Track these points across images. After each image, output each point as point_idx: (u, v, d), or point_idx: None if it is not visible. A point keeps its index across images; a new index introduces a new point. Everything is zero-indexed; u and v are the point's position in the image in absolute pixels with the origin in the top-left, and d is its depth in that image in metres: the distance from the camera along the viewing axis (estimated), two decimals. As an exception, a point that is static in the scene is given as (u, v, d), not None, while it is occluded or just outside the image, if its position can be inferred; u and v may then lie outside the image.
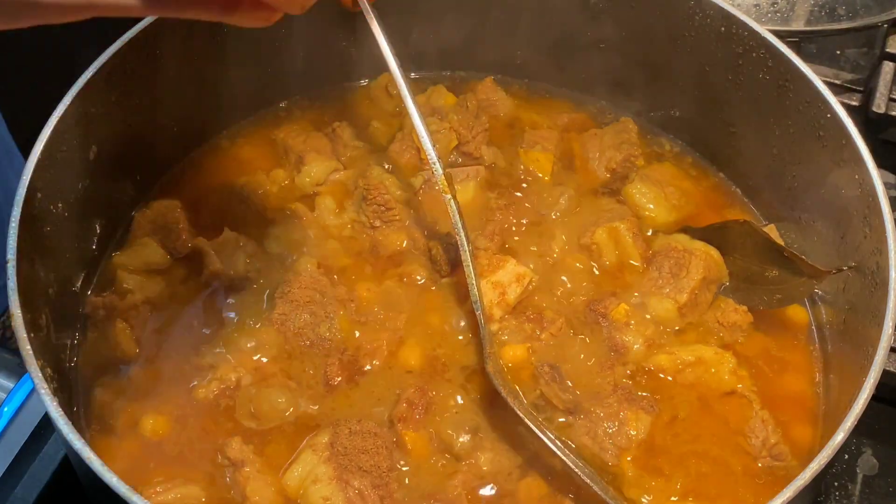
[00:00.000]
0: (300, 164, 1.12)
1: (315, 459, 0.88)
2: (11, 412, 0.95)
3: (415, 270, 1.03)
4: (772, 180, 1.11)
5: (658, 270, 1.03)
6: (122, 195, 1.08)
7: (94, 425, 0.93)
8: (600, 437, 0.91)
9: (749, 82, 1.07)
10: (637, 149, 1.16)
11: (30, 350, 0.80)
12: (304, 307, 0.98)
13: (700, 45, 1.09)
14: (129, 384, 0.95)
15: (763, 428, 0.93)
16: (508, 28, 1.20)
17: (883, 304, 0.86)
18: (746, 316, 1.01)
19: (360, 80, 1.22)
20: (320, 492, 0.86)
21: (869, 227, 0.93)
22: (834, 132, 0.98)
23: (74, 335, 0.98)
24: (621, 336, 0.98)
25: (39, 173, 0.89)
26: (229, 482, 0.88)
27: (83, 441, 0.75)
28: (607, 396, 0.94)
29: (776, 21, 1.33)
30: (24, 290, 0.84)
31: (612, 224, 1.05)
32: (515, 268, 1.01)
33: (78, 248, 1.00)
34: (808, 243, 1.05)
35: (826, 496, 1.03)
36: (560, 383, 0.93)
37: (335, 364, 0.96)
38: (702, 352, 0.98)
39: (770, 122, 1.07)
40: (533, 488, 0.89)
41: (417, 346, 0.98)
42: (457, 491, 0.88)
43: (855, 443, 1.06)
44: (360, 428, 0.89)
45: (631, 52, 1.15)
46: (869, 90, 1.26)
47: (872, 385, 0.81)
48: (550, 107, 1.23)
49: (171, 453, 0.91)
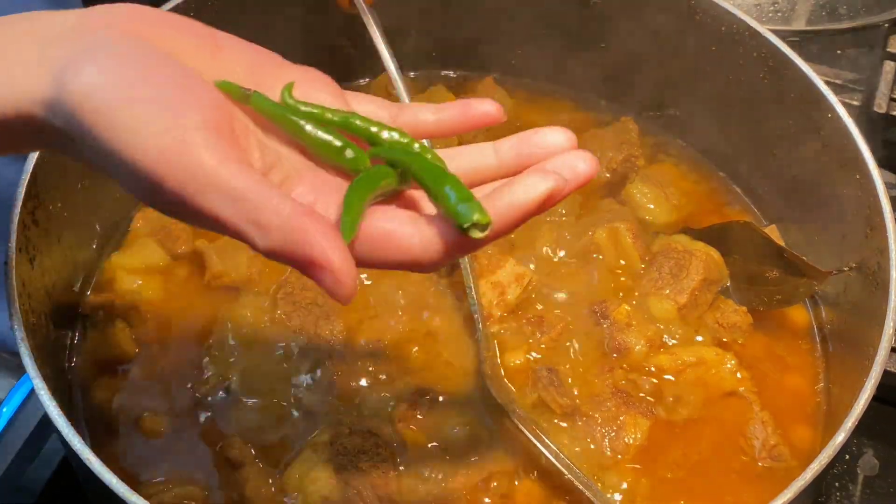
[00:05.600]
0: (300, 165, 1.12)
1: (314, 459, 0.88)
2: (11, 412, 0.95)
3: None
4: (772, 180, 1.11)
5: (658, 271, 1.02)
6: (122, 195, 1.08)
7: (93, 425, 0.93)
8: (598, 441, 0.91)
9: (749, 82, 1.07)
10: (637, 149, 1.15)
11: (29, 350, 0.80)
12: (306, 308, 0.98)
13: (700, 44, 1.09)
14: (129, 384, 0.95)
15: (763, 429, 0.93)
16: (508, 28, 1.20)
17: (884, 304, 0.86)
18: (746, 317, 1.01)
19: (360, 79, 1.22)
20: (320, 491, 0.86)
21: (870, 228, 0.93)
22: (835, 132, 0.97)
23: (74, 335, 0.98)
24: (623, 337, 0.98)
25: (39, 173, 0.89)
26: (229, 482, 0.88)
27: (83, 441, 0.75)
28: (606, 400, 0.94)
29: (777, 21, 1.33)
30: (23, 290, 0.84)
31: (612, 224, 1.05)
32: (515, 268, 1.01)
33: (78, 248, 1.00)
34: (809, 244, 1.05)
35: (827, 497, 1.03)
36: (558, 387, 0.93)
37: (336, 364, 0.95)
38: (703, 352, 0.98)
39: (770, 122, 1.07)
40: (531, 491, 0.89)
41: (418, 346, 0.98)
42: (456, 493, 0.88)
43: (856, 443, 1.06)
44: (360, 428, 0.89)
45: (631, 51, 1.15)
46: (870, 90, 1.25)
47: (873, 385, 0.81)
48: (550, 107, 1.22)
49: (171, 453, 0.91)
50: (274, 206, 0.53)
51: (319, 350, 0.97)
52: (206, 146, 0.53)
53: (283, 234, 0.52)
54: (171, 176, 0.53)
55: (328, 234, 0.52)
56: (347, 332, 0.98)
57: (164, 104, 0.54)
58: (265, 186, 0.53)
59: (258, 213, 0.53)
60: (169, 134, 0.53)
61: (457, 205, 0.54)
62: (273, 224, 0.52)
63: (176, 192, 0.53)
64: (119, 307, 0.99)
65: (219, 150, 0.53)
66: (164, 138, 0.53)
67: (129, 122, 0.53)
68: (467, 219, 0.53)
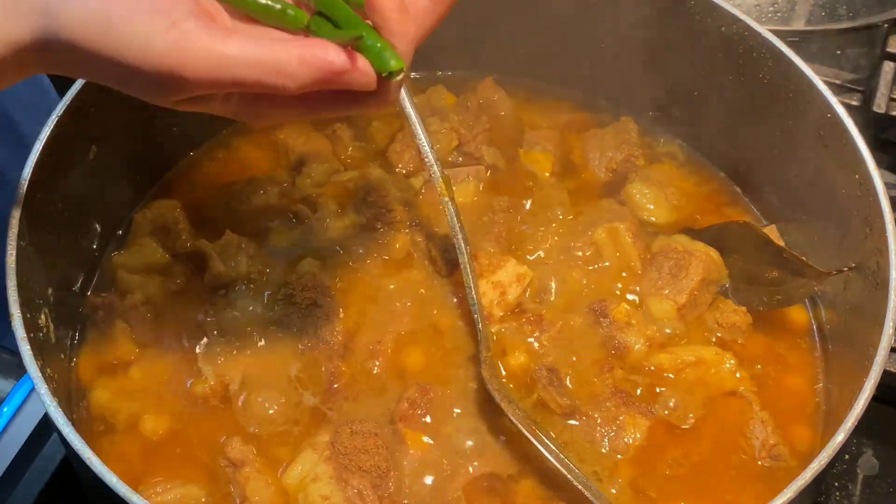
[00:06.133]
0: (301, 166, 1.12)
1: (315, 459, 0.88)
2: (11, 412, 0.95)
3: (416, 271, 1.03)
4: (772, 180, 1.11)
5: (658, 271, 1.03)
6: (122, 195, 1.08)
7: (94, 425, 0.93)
8: (598, 441, 0.91)
9: (749, 82, 1.07)
10: (637, 149, 1.15)
11: (29, 350, 0.80)
12: (306, 309, 0.98)
13: (700, 44, 1.09)
14: (129, 384, 0.95)
15: (763, 429, 0.93)
16: (508, 28, 1.20)
17: (883, 304, 0.86)
18: (746, 317, 1.01)
19: (360, 80, 1.22)
20: (320, 490, 0.86)
21: (869, 228, 0.93)
22: (834, 132, 0.97)
23: (74, 335, 0.98)
24: (622, 336, 0.98)
25: (39, 173, 0.89)
26: (229, 482, 0.88)
27: (83, 441, 0.75)
28: (606, 400, 0.94)
29: (776, 21, 1.33)
30: (23, 290, 0.84)
31: (612, 224, 1.05)
32: (516, 267, 1.01)
33: (78, 247, 1.01)
34: (809, 244, 1.05)
35: (827, 496, 1.03)
36: (558, 387, 0.93)
37: (336, 364, 0.96)
38: (702, 352, 0.98)
39: (770, 122, 1.07)
40: (530, 491, 0.89)
41: (419, 347, 0.98)
42: (456, 493, 0.88)
43: (855, 443, 1.06)
44: (360, 428, 0.89)
45: (631, 51, 1.15)
46: (869, 90, 1.25)
47: (873, 385, 0.81)
48: (550, 107, 1.22)
49: (171, 453, 0.91)
50: (284, 52, 0.61)
51: (319, 350, 0.97)
52: (201, 30, 0.62)
53: (306, 68, 0.61)
54: (188, 65, 0.61)
55: (333, 48, 0.62)
56: (347, 332, 0.98)
57: (153, 8, 0.62)
58: (265, 42, 0.62)
59: (277, 64, 0.61)
60: (169, 32, 0.61)
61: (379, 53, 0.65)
62: (293, 65, 0.61)
63: (199, 77, 0.62)
64: (119, 307, 0.99)
65: (212, 30, 0.62)
66: (168, 35, 0.61)
67: (134, 35, 0.62)
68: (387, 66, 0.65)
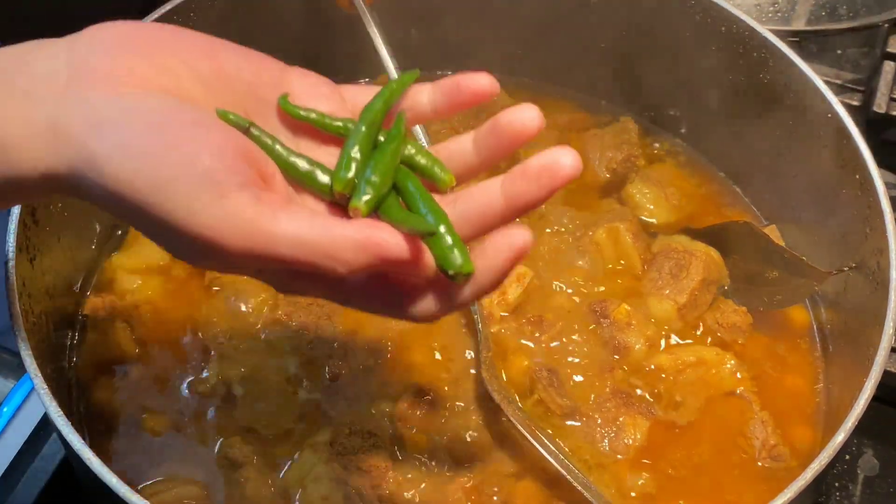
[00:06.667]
0: (300, 164, 1.12)
1: (315, 459, 0.88)
2: (11, 412, 0.96)
3: (415, 270, 1.03)
4: (772, 180, 1.11)
5: (658, 271, 1.02)
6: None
7: (93, 425, 0.93)
8: (598, 442, 0.91)
9: (749, 82, 1.07)
10: (637, 149, 1.15)
11: (29, 350, 0.80)
12: (307, 308, 0.98)
13: (700, 44, 1.09)
14: (129, 384, 0.95)
15: (763, 429, 0.93)
16: (508, 28, 1.20)
17: (884, 304, 0.86)
18: (746, 317, 1.01)
19: (359, 80, 1.22)
20: (319, 490, 0.86)
21: (869, 228, 0.93)
22: (834, 132, 0.97)
23: (74, 335, 0.98)
24: (623, 336, 0.98)
25: (39, 173, 0.89)
26: (229, 482, 0.88)
27: (83, 441, 0.75)
28: (606, 401, 0.94)
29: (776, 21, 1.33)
30: (23, 290, 0.84)
31: (612, 224, 1.05)
32: (516, 267, 1.01)
33: (78, 248, 1.00)
34: (809, 244, 1.05)
35: (827, 497, 1.03)
36: (558, 388, 0.93)
37: (337, 364, 0.96)
38: (703, 352, 0.98)
39: (770, 122, 1.07)
40: (530, 492, 0.89)
41: (419, 347, 0.98)
42: (456, 493, 0.88)
43: (856, 443, 1.06)
44: (360, 428, 0.89)
45: (631, 51, 1.15)
46: (870, 90, 1.25)
47: (873, 385, 0.81)
48: (550, 107, 1.22)
49: (171, 453, 0.91)
50: (340, 235, 0.56)
51: (320, 350, 0.97)
52: (254, 204, 0.56)
53: (359, 254, 0.55)
54: (234, 240, 0.55)
55: (391, 233, 0.56)
56: (348, 332, 0.98)
57: (205, 178, 0.55)
58: (321, 220, 0.57)
59: (331, 247, 0.55)
60: (216, 205, 0.55)
61: (449, 250, 0.58)
62: (347, 252, 0.55)
63: (244, 252, 0.56)
64: (119, 307, 0.99)
65: (265, 202, 0.56)
66: (213, 209, 0.55)
67: (178, 201, 0.55)
68: (454, 265, 0.58)
